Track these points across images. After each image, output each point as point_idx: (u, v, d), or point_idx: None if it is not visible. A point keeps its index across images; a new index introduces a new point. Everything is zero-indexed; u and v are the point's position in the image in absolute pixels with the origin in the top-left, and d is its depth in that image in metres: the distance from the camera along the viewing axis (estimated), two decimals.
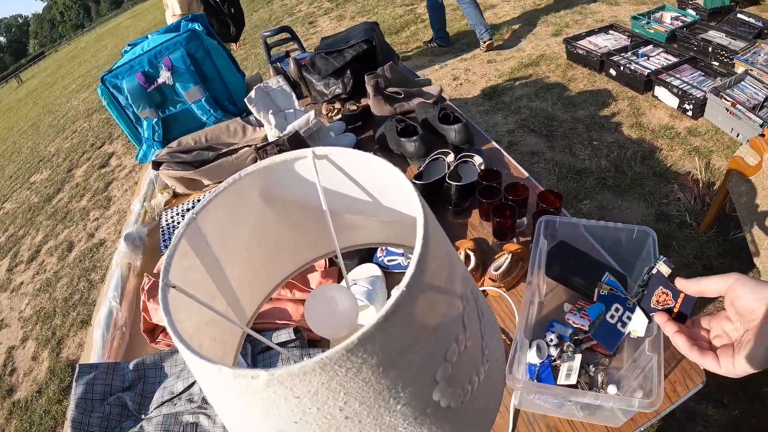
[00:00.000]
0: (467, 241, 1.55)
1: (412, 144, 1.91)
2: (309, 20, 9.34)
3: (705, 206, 3.00)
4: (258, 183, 0.66)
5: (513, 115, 4.36)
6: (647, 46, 4.70)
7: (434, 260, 0.48)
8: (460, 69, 5.37)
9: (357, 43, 2.53)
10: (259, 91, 2.31)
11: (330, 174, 0.66)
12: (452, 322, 0.54)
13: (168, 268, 0.54)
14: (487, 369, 0.64)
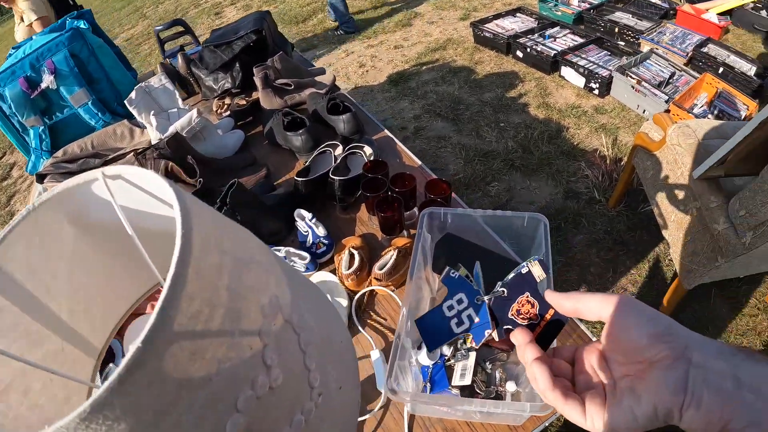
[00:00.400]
0: (354, 238, 1.47)
1: (298, 138, 1.81)
2: (215, 11, 9.05)
3: (613, 182, 3.03)
4: (60, 210, 0.59)
5: (419, 100, 4.30)
6: (554, 28, 4.76)
7: (197, 299, 0.39)
8: (366, 56, 5.28)
9: (246, 33, 2.40)
10: (139, 91, 2.16)
11: (132, 193, 0.58)
12: (241, 366, 0.45)
13: None
14: (320, 402, 0.57)
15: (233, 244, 0.49)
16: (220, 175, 1.85)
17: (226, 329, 0.43)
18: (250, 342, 0.46)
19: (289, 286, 0.59)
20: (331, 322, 0.69)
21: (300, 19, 6.56)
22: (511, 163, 3.35)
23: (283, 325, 0.52)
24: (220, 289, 0.43)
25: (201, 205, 0.47)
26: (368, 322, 1.34)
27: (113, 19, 11.72)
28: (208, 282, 0.41)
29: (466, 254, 1.22)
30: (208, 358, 0.40)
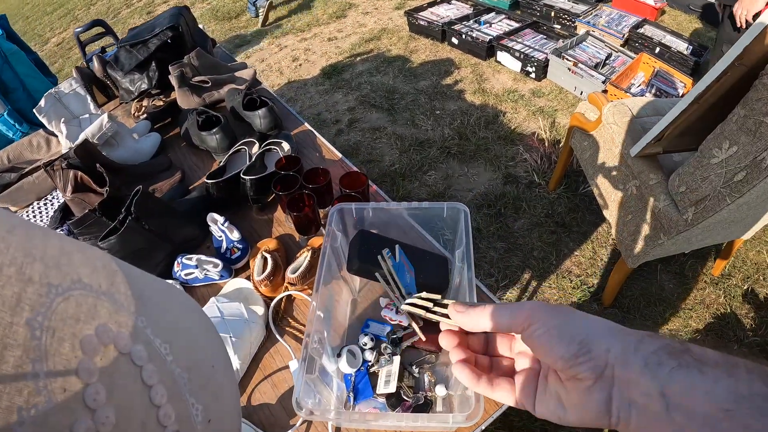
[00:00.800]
0: (269, 240, 1.39)
1: (213, 137, 1.71)
2: (147, 10, 8.82)
3: (552, 165, 3.02)
4: None
5: (354, 91, 4.24)
6: (490, 14, 4.75)
7: None
8: (299, 49, 5.17)
9: (162, 31, 2.27)
10: (49, 98, 2.04)
11: None
12: (51, 411, 0.35)
13: None
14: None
15: (48, 270, 0.40)
16: (135, 182, 1.74)
17: (26, 371, 0.34)
18: (63, 383, 0.37)
19: (137, 310, 0.50)
20: (203, 345, 0.60)
21: (233, 15, 6.42)
22: (447, 151, 3.31)
23: (116, 359, 0.43)
24: (14, 326, 0.34)
25: (12, 227, 0.38)
26: (287, 330, 1.25)
27: (44, 23, 11.36)
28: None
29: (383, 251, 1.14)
30: (4, 407, 0.32)
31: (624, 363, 0.40)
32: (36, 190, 1.96)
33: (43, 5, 15.78)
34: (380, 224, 1.22)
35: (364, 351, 1.13)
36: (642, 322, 2.27)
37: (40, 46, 7.70)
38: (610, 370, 0.41)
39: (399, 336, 1.15)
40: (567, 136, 2.53)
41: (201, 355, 0.59)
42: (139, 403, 0.45)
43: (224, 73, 2.15)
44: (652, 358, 0.39)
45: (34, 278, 0.37)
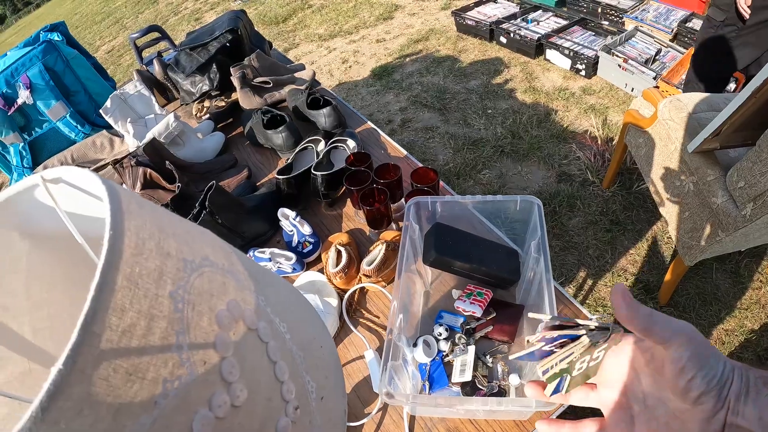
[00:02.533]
0: (341, 234, 1.41)
1: (279, 136, 1.75)
2: (195, 17, 9.03)
3: (605, 162, 2.99)
4: (4, 222, 0.53)
5: (405, 92, 4.26)
6: (536, 12, 4.71)
7: (129, 311, 0.34)
8: (348, 51, 5.23)
9: (221, 34, 2.34)
10: (115, 99, 2.11)
11: (79, 198, 0.52)
12: (194, 384, 0.38)
13: None
14: (298, 416, 0.51)
15: (181, 245, 0.43)
16: (202, 179, 1.79)
17: (171, 343, 0.37)
18: (204, 356, 0.40)
19: (256, 289, 0.53)
20: (310, 326, 0.63)
21: (280, 19, 6.52)
22: (501, 150, 3.31)
23: (246, 334, 0.46)
24: (160, 298, 0.36)
25: (141, 203, 0.41)
26: (360, 321, 1.28)
27: (94, 32, 11.67)
28: (144, 291, 0.35)
29: (458, 243, 1.16)
30: (150, 379, 0.34)
31: (737, 394, 0.43)
32: None
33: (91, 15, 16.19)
34: (449, 218, 1.24)
35: (438, 341, 1.16)
36: (698, 321, 2.24)
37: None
38: (729, 403, 0.43)
39: (472, 326, 1.17)
40: (621, 133, 2.51)
41: (310, 335, 0.62)
42: (266, 378, 0.48)
43: (284, 74, 2.19)
44: (752, 388, 0.43)
45: (171, 253, 0.41)
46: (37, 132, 2.38)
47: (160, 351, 0.35)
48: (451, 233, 1.16)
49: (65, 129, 2.40)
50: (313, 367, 0.59)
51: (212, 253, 0.49)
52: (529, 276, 1.16)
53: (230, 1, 9.00)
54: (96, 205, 0.52)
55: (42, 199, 0.51)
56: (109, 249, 0.33)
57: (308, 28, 6.10)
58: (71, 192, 0.50)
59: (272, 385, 0.48)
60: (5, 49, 17.16)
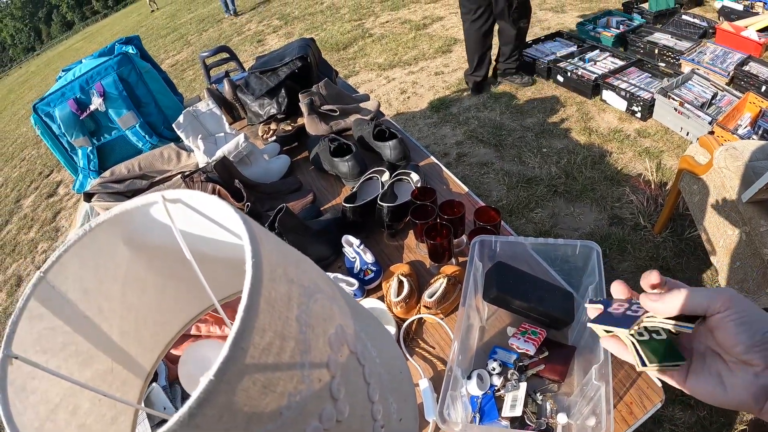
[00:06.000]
0: (402, 265, 1.47)
1: (345, 164, 1.82)
2: (258, 38, 9.28)
3: (658, 207, 2.99)
4: (117, 231, 0.59)
5: (461, 126, 4.31)
6: (594, 51, 4.72)
7: (268, 331, 0.39)
8: (407, 82, 5.33)
9: (291, 60, 2.44)
10: (187, 116, 2.21)
11: (191, 217, 0.58)
12: (311, 399, 0.45)
13: (11, 336, 0.48)
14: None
15: (299, 273, 0.49)
16: (267, 199, 1.87)
17: (296, 362, 0.43)
18: (319, 374, 0.46)
19: (352, 315, 0.59)
20: (391, 352, 0.68)
21: (341, 47, 6.66)
22: (554, 189, 3.33)
23: (349, 356, 0.52)
24: (290, 320, 0.43)
25: (267, 233, 0.47)
26: (416, 350, 1.33)
27: (159, 46, 12.02)
28: (278, 313, 0.41)
29: (518, 283, 1.21)
30: (279, 392, 0.40)
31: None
32: None
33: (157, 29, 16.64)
34: (508, 256, 1.29)
35: (491, 375, 1.20)
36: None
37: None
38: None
39: (525, 364, 1.21)
40: (676, 178, 2.51)
41: (393, 360, 0.67)
42: (362, 397, 0.54)
43: (349, 103, 2.27)
44: None
45: (294, 279, 0.47)
46: (105, 138, 2.49)
47: (289, 368, 0.41)
48: (511, 272, 1.21)
49: (133, 138, 2.51)
50: (396, 391, 0.64)
51: (320, 280, 0.55)
52: (584, 318, 1.19)
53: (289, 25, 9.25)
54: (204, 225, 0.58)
55: (155, 214, 0.58)
56: (252, 275, 0.39)
57: (368, 56, 6.22)
58: (185, 211, 0.57)
59: (365, 404, 0.54)
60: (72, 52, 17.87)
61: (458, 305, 1.33)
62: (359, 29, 7.43)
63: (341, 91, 2.32)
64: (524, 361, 1.21)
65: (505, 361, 1.23)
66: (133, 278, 0.64)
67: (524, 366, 1.21)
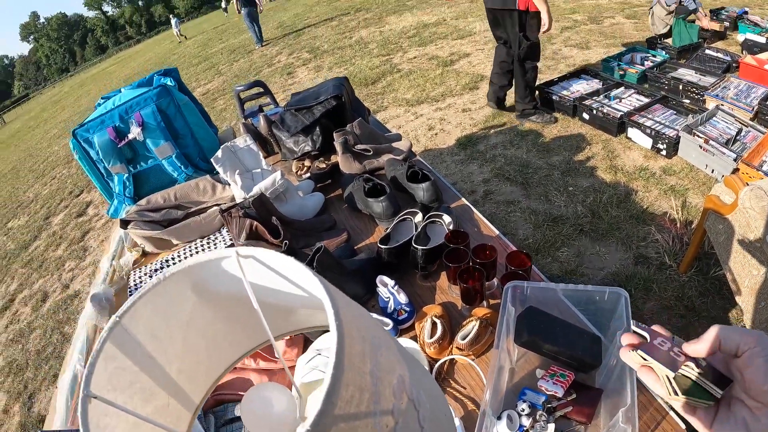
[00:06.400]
0: (435, 306, 1.51)
1: (379, 204, 1.88)
2: (288, 71, 9.46)
3: (683, 246, 3.00)
4: (187, 280, 0.65)
5: (488, 163, 4.37)
6: (619, 89, 4.76)
7: (350, 385, 0.45)
8: (435, 119, 5.41)
9: (326, 99, 2.52)
10: (226, 151, 2.28)
11: (258, 270, 0.65)
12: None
13: (90, 377, 0.53)
14: None
15: (367, 329, 0.55)
16: (302, 236, 1.92)
17: (370, 410, 0.48)
18: (386, 421, 0.51)
19: (407, 363, 0.65)
20: (437, 396, 0.73)
21: (369, 81, 6.77)
22: (580, 228, 3.37)
23: (408, 403, 0.57)
24: (365, 374, 0.48)
25: (338, 293, 0.53)
26: (447, 390, 1.37)
27: (190, 74, 12.27)
28: (357, 368, 0.46)
29: (548, 327, 1.26)
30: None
31: None
32: (200, 230, 2.21)
33: (189, 57, 16.96)
34: (536, 300, 1.34)
35: (521, 416, 1.24)
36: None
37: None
38: None
39: (553, 405, 1.25)
40: (701, 218, 2.53)
41: (438, 405, 0.73)
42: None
43: (382, 143, 2.33)
44: None
45: (365, 336, 0.53)
46: (141, 166, 2.57)
47: (365, 416, 0.47)
48: (541, 317, 1.26)
49: (169, 168, 2.58)
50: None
51: (381, 333, 0.61)
52: (611, 363, 1.24)
53: (319, 59, 9.42)
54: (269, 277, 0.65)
55: (226, 266, 0.64)
56: (338, 337, 0.44)
57: (396, 92, 6.32)
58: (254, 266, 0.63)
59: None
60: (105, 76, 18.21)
61: (489, 346, 1.38)
62: (387, 64, 7.57)
63: (374, 131, 2.38)
64: (552, 403, 1.25)
65: (534, 403, 1.27)
66: (195, 322, 0.70)
67: (552, 407, 1.25)
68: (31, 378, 4.35)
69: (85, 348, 1.82)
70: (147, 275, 2.11)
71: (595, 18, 7.17)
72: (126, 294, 2.07)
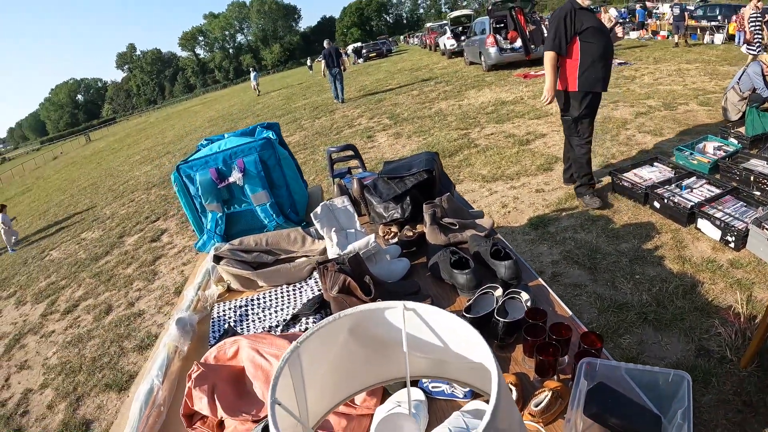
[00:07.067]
0: (509, 375, 1.65)
1: (463, 276, 2.05)
2: (368, 134, 9.77)
3: (746, 340, 3.01)
4: (351, 321, 0.82)
5: (558, 246, 4.47)
6: (690, 178, 4.80)
7: (503, 414, 0.63)
8: (509, 197, 5.56)
9: (419, 172, 2.72)
10: (324, 209, 2.48)
11: (411, 321, 0.82)
12: None
13: (275, 386, 0.70)
14: None
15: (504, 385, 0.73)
16: (388, 297, 2.07)
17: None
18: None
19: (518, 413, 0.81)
20: None
21: (447, 154, 6.96)
22: (644, 317, 3.41)
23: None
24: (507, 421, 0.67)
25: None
26: None
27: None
28: (503, 413, 0.65)
29: (615, 403, 1.41)
30: None
31: None
32: (288, 276, 2.39)
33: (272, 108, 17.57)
34: (602, 377, 1.49)
35: None
36: None
37: None
38: None
39: None
40: (766, 313, 2.59)
41: None
42: None
43: (466, 218, 2.50)
44: None
45: (502, 383, 0.70)
46: (235, 208, 2.80)
47: None
48: (610, 393, 1.42)
49: (261, 214, 2.80)
50: None
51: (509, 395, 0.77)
52: None
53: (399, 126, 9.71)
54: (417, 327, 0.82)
55: (388, 316, 0.82)
56: (498, 384, 0.63)
57: (472, 166, 6.50)
58: (409, 317, 0.81)
59: None
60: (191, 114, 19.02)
61: (557, 416, 1.54)
62: (465, 138, 7.77)
63: (459, 207, 2.56)
64: None
65: None
66: (340, 357, 0.87)
67: None
68: (82, 382, 4.56)
69: (165, 366, 1.96)
70: (230, 309, 2.27)
71: (669, 104, 7.28)
72: (208, 323, 2.24)
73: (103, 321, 5.66)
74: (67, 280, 7.31)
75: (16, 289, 7.88)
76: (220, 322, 2.20)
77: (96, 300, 6.27)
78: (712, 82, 7.80)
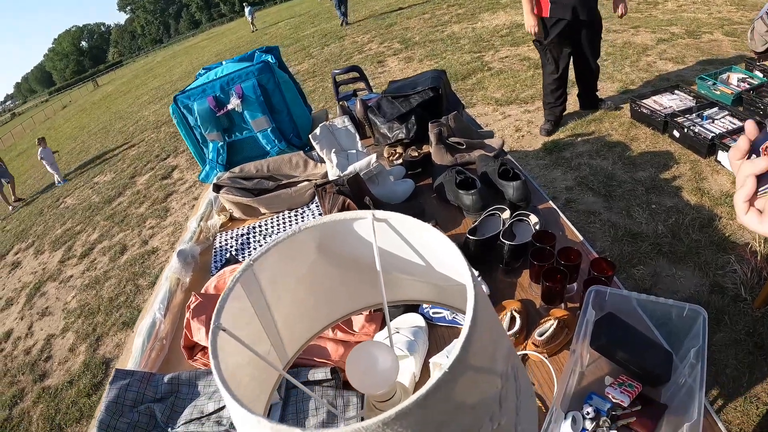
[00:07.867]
0: (514, 301, 1.56)
1: (469, 197, 1.93)
2: (378, 59, 9.59)
3: (761, 280, 2.93)
4: (316, 236, 0.71)
5: (572, 171, 4.36)
6: (712, 108, 4.62)
7: (480, 341, 0.52)
8: (523, 120, 5.42)
9: (424, 90, 2.57)
10: (324, 129, 2.37)
11: (386, 235, 0.71)
12: (489, 400, 0.57)
13: (220, 311, 0.61)
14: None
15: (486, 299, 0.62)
16: None
17: (488, 368, 0.56)
18: (497, 381, 0.58)
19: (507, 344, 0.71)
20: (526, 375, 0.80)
21: (459, 77, 6.78)
22: (659, 248, 3.33)
23: (510, 371, 0.64)
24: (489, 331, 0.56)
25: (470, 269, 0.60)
26: None
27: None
28: (486, 324, 0.54)
29: (624, 335, 1.30)
30: (476, 390, 0.53)
31: None
32: (289, 202, 2.30)
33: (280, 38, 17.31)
34: (612, 308, 1.38)
35: (585, 419, 1.29)
36: None
37: None
38: None
39: (617, 413, 1.29)
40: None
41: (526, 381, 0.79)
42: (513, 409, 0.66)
43: (474, 138, 2.38)
44: None
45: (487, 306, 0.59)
46: (236, 136, 2.71)
47: (486, 372, 0.55)
48: (619, 324, 1.30)
49: (263, 140, 2.70)
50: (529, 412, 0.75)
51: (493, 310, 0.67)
52: (680, 381, 1.27)
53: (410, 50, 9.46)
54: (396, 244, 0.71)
55: (357, 228, 0.71)
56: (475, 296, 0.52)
57: (486, 90, 6.33)
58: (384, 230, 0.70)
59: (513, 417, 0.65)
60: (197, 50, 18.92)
61: (563, 347, 1.43)
62: (478, 61, 7.56)
63: (468, 125, 2.43)
64: (617, 411, 1.29)
65: (600, 408, 1.31)
66: (309, 277, 0.77)
67: (616, 415, 1.29)
68: (100, 322, 4.66)
69: (167, 299, 1.93)
70: (232, 239, 2.22)
71: (692, 32, 6.98)
72: (210, 254, 2.19)
73: (118, 261, 5.76)
74: (83, 225, 7.45)
75: (34, 240, 8.08)
76: (222, 252, 2.17)
77: (111, 241, 6.38)
78: (739, 13, 7.43)
